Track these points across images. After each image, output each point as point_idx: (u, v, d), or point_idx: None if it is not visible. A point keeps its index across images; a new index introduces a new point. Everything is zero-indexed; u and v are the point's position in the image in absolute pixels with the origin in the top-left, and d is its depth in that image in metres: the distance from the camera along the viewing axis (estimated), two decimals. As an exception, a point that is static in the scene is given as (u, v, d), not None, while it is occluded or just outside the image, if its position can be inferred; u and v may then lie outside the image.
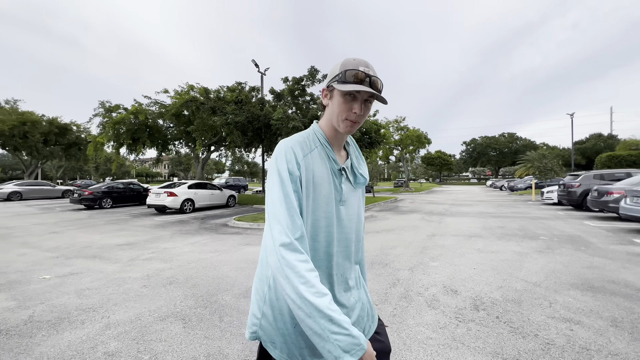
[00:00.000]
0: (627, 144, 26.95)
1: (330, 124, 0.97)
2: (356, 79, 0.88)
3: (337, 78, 0.91)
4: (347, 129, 0.93)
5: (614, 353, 2.24)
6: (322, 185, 0.92)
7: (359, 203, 1.05)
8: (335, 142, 1.00)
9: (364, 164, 1.09)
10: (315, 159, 0.93)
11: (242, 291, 3.60)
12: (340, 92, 0.90)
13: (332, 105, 0.94)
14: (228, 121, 13.76)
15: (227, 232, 7.81)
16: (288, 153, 0.89)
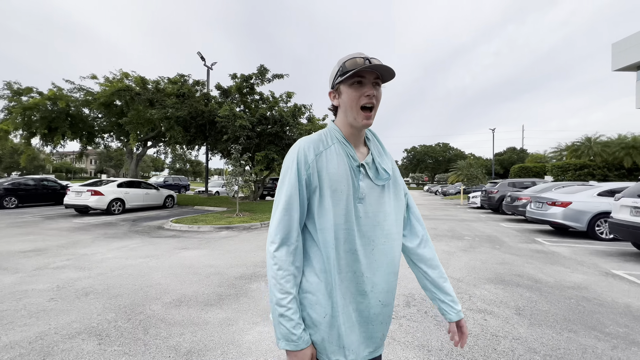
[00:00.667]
0: (533, 157, 31.81)
1: (345, 121, 0.95)
2: (356, 64, 0.87)
3: (338, 73, 0.91)
4: (363, 120, 0.91)
5: (516, 337, 2.58)
6: (340, 182, 0.89)
7: (386, 200, 0.96)
8: (353, 139, 0.97)
9: (387, 158, 1.03)
10: (331, 156, 0.91)
11: (174, 299, 3.32)
12: (346, 83, 0.90)
13: (343, 101, 0.93)
14: (168, 115, 12.74)
15: (162, 236, 7.19)
16: (301, 155, 0.90)
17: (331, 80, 0.96)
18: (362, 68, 0.85)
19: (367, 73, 0.89)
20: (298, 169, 0.89)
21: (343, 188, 0.90)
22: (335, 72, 0.93)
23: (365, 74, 0.89)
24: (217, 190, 22.28)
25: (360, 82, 0.89)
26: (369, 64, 0.87)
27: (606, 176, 18.65)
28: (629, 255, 5.66)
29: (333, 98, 0.98)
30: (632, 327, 2.77)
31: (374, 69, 0.88)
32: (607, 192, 7.40)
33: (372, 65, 0.86)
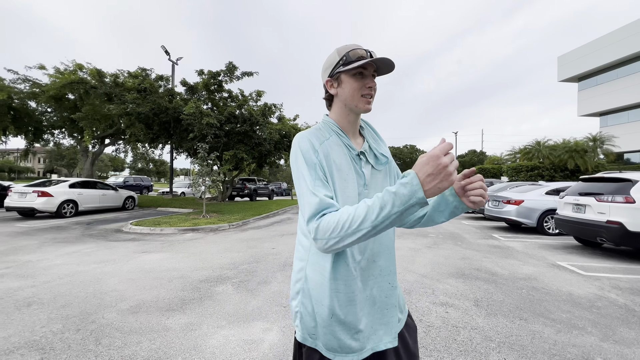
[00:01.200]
0: (491, 159, 34.06)
1: (342, 112, 0.97)
2: (359, 57, 0.90)
3: (340, 63, 0.92)
4: (365, 106, 0.93)
5: (474, 327, 2.73)
6: (346, 171, 0.91)
7: (386, 185, 0.99)
8: (349, 129, 0.98)
9: (383, 144, 1.05)
10: (332, 147, 0.92)
11: (132, 305, 3.11)
12: (349, 74, 0.92)
13: (343, 90, 0.94)
14: (128, 111, 11.97)
15: (120, 239, 6.72)
16: (304, 143, 0.89)
17: (329, 69, 0.95)
18: (368, 61, 0.88)
19: (368, 65, 0.91)
20: (308, 153, 0.88)
21: (350, 177, 0.91)
22: (335, 61, 0.93)
23: (367, 66, 0.92)
24: (182, 191, 21.31)
25: (362, 73, 0.92)
26: (370, 57, 0.91)
27: (553, 177, 20.44)
28: (572, 247, 6.24)
29: (330, 87, 0.97)
30: (573, 313, 3.04)
31: (377, 62, 0.90)
32: (553, 191, 8.10)
33: (379, 58, 0.88)
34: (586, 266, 4.82)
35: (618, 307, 3.22)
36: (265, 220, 10.37)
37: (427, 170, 0.68)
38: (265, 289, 3.67)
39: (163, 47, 16.77)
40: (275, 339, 2.50)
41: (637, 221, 4.88)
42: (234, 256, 5.24)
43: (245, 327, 2.70)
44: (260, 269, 4.47)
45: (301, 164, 0.87)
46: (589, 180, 6.16)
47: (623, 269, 4.67)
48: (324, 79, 0.98)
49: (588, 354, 2.31)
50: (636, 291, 3.71)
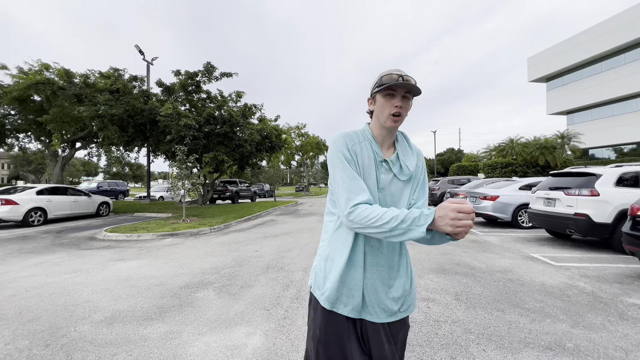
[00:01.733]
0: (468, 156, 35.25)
1: (377, 124, 1.15)
2: (391, 79, 1.06)
3: (376, 84, 1.10)
4: (392, 123, 1.10)
5: (455, 321, 2.80)
6: (367, 172, 1.10)
7: (403, 194, 1.14)
8: (381, 139, 1.16)
9: (413, 156, 1.18)
10: (362, 150, 1.12)
11: (106, 316, 2.97)
12: (381, 94, 1.09)
13: (377, 108, 1.12)
14: (100, 113, 11.45)
15: (94, 247, 6.42)
16: (339, 141, 1.10)
17: (371, 90, 1.15)
18: (393, 84, 1.05)
19: (398, 87, 1.07)
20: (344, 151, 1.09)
21: (370, 177, 1.10)
22: (374, 83, 1.13)
23: (397, 88, 1.07)
24: (160, 195, 20.65)
25: (392, 94, 1.08)
26: (401, 80, 1.05)
27: (526, 173, 21.42)
28: (544, 240, 6.55)
29: (370, 104, 1.17)
30: (545, 302, 3.19)
31: (403, 85, 1.06)
32: (526, 186, 8.48)
33: (402, 83, 1.04)
34: (557, 257, 5.07)
35: (586, 294, 3.41)
36: (247, 223, 10.22)
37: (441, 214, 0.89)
38: (248, 292, 3.61)
39: (137, 46, 16.16)
40: (259, 343, 2.46)
41: (602, 213, 5.19)
42: (216, 260, 5.13)
43: (228, 333, 2.64)
44: (242, 273, 4.39)
45: (337, 158, 1.08)
46: (557, 175, 6.49)
47: (590, 258, 4.95)
48: (368, 97, 1.19)
49: (560, 340, 2.43)
50: (602, 279, 3.94)
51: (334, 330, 1.10)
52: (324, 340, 1.10)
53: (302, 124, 34.79)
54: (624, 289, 3.57)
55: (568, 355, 2.23)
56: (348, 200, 1.02)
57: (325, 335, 1.10)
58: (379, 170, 1.12)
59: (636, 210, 3.91)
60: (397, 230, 0.93)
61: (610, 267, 4.47)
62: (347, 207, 1.01)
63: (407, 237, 0.93)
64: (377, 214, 0.96)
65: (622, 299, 3.26)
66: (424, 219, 0.90)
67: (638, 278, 3.94)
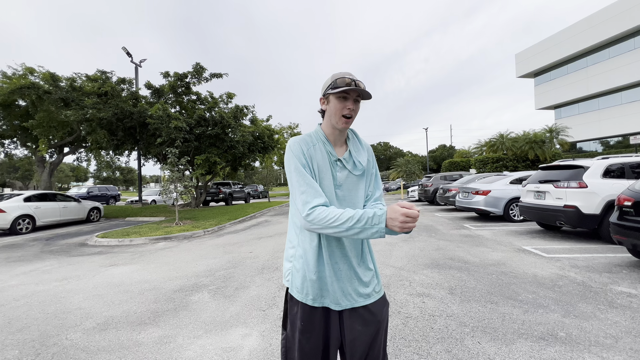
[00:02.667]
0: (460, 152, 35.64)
1: (329, 124, 1.21)
2: (344, 83, 1.12)
3: (330, 86, 1.15)
4: (343, 125, 1.17)
5: (450, 315, 2.82)
6: (323, 172, 1.17)
7: (361, 186, 1.24)
8: (333, 139, 1.22)
9: (364, 152, 1.27)
10: (316, 152, 1.18)
11: (99, 323, 2.92)
12: (334, 95, 1.15)
13: (329, 108, 1.18)
14: (87, 117, 11.24)
15: (85, 254, 6.30)
16: (295, 147, 1.16)
17: (323, 89, 1.19)
18: (348, 88, 1.11)
19: (351, 91, 1.13)
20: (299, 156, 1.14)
21: (326, 176, 1.17)
22: (327, 84, 1.17)
23: (350, 92, 1.14)
24: (153, 199, 20.39)
25: (345, 97, 1.15)
26: (354, 85, 1.12)
27: (516, 167, 21.75)
28: (535, 232, 6.66)
29: (322, 103, 1.22)
30: (538, 293, 3.24)
31: (356, 90, 1.13)
32: (516, 180, 8.61)
33: (356, 88, 1.12)
34: (548, 248, 5.16)
35: (577, 284, 3.48)
36: (241, 224, 10.16)
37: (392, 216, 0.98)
38: (243, 294, 3.59)
39: (124, 48, 15.91)
40: (255, 344, 2.44)
41: (590, 204, 5.30)
42: (210, 263, 5.09)
43: (224, 335, 2.62)
44: (237, 274, 4.36)
45: (293, 164, 1.14)
46: (547, 168, 6.60)
47: (580, 249, 5.05)
48: (320, 96, 1.23)
49: (552, 330, 2.47)
50: (592, 268, 4.02)
51: (317, 321, 1.17)
52: (308, 330, 1.17)
53: (294, 123, 34.60)
54: (612, 277, 3.65)
55: (560, 344, 2.27)
56: (305, 204, 1.07)
57: (308, 326, 1.17)
58: (334, 169, 1.19)
59: (623, 201, 4.00)
60: (353, 229, 1.01)
61: (599, 257, 4.57)
62: (305, 210, 1.07)
63: (364, 235, 1.01)
64: (333, 215, 1.03)
65: (612, 288, 3.33)
66: (377, 219, 0.99)
67: (626, 267, 4.04)
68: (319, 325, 1.18)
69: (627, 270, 3.88)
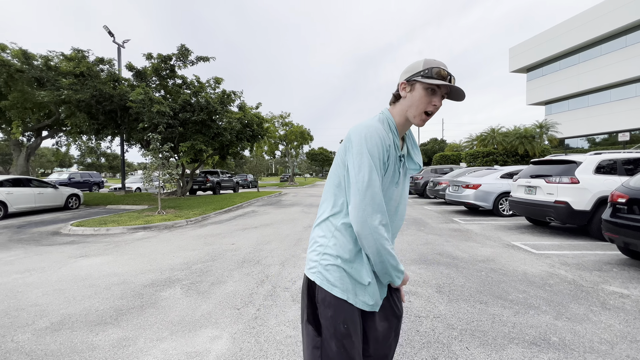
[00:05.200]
0: (451, 146, 35.74)
1: (403, 114, 1.06)
2: (440, 75, 0.99)
3: (421, 73, 1.00)
4: (421, 121, 1.04)
5: (437, 316, 2.64)
6: (389, 167, 1.03)
7: (406, 185, 1.15)
8: (400, 132, 1.09)
9: (418, 152, 1.15)
10: (391, 145, 1.03)
11: (53, 322, 2.63)
12: (423, 85, 1.00)
13: (412, 98, 1.02)
14: (63, 98, 10.61)
15: (56, 243, 5.94)
16: (374, 140, 0.97)
17: (409, 73, 1.03)
18: (444, 84, 0.98)
19: (443, 86, 1.00)
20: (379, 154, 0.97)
21: (391, 171, 1.04)
22: (418, 69, 1.01)
23: (444, 87, 1.01)
24: (137, 187, 19.79)
25: (434, 90, 1.01)
26: (450, 81, 1.00)
27: (506, 162, 21.87)
28: (524, 228, 6.59)
29: (403, 89, 1.05)
30: (528, 292, 3.10)
31: (452, 88, 1.01)
32: (507, 174, 8.52)
33: (455, 86, 1.00)
34: (537, 245, 5.06)
35: (568, 283, 3.35)
36: (227, 214, 9.86)
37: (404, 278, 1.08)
38: (218, 290, 3.34)
39: (106, 27, 15.05)
40: (224, 349, 2.21)
41: (581, 200, 5.20)
42: (188, 255, 4.81)
43: (190, 337, 2.38)
44: (215, 268, 4.11)
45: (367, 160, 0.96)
46: (539, 163, 6.49)
47: (569, 246, 4.97)
48: (401, 79, 1.06)
49: (544, 334, 2.31)
50: (582, 266, 3.91)
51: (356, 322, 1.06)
52: (350, 334, 1.03)
53: (286, 112, 34.09)
54: (603, 276, 3.54)
55: (554, 350, 2.11)
56: (375, 212, 0.95)
57: (350, 329, 1.04)
58: (399, 165, 1.07)
59: (617, 198, 3.87)
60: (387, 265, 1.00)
61: (589, 254, 4.48)
62: (374, 220, 0.95)
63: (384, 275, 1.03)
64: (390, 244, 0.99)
65: (603, 287, 3.21)
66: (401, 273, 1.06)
67: (616, 265, 3.95)
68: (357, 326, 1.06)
69: (618, 269, 3.79)
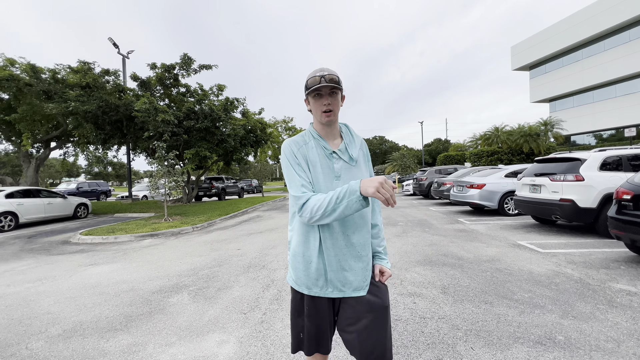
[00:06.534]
0: (455, 146, 35.55)
1: (317, 121, 1.28)
2: (315, 82, 1.17)
3: (306, 89, 1.22)
4: (326, 119, 1.23)
5: (442, 317, 2.65)
6: (320, 166, 1.23)
7: (359, 177, 1.25)
8: (325, 134, 1.29)
9: (355, 145, 1.32)
10: (309, 149, 1.25)
11: (65, 329, 2.70)
12: (311, 96, 1.22)
13: (312, 107, 1.25)
14: (71, 110, 10.84)
15: (66, 252, 6.05)
16: (286, 149, 1.24)
17: (305, 92, 1.25)
18: (318, 86, 1.16)
19: (322, 87, 1.17)
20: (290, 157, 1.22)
21: (324, 170, 1.23)
22: (304, 87, 1.23)
23: (322, 88, 1.18)
24: (144, 195, 20.03)
25: (319, 94, 1.20)
26: (324, 81, 1.16)
27: (511, 160, 21.71)
28: (530, 227, 6.54)
29: (307, 104, 1.28)
30: (534, 292, 3.09)
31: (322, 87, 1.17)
32: (512, 173, 8.47)
33: (324, 84, 1.15)
34: (543, 244, 5.03)
35: (574, 281, 3.33)
36: (232, 220, 9.94)
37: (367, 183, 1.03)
38: (225, 295, 3.39)
39: (110, 39, 15.37)
40: (231, 352, 2.25)
41: (587, 198, 5.16)
42: (195, 261, 4.87)
43: (198, 342, 2.42)
44: (222, 273, 4.16)
45: (285, 165, 1.23)
46: (543, 161, 6.45)
47: (576, 244, 4.92)
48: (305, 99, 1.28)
49: (550, 333, 2.31)
50: (589, 264, 3.88)
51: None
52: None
53: (289, 117, 34.13)
54: (610, 274, 3.51)
55: (559, 349, 2.11)
56: (297, 200, 1.16)
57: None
58: (331, 161, 1.25)
59: (622, 194, 3.85)
60: (339, 206, 1.06)
61: (596, 252, 4.44)
62: (298, 209, 1.15)
63: (350, 209, 1.06)
64: (316, 203, 1.10)
65: (610, 285, 3.19)
66: (353, 186, 1.05)
67: (624, 262, 3.91)
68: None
69: (625, 266, 3.75)
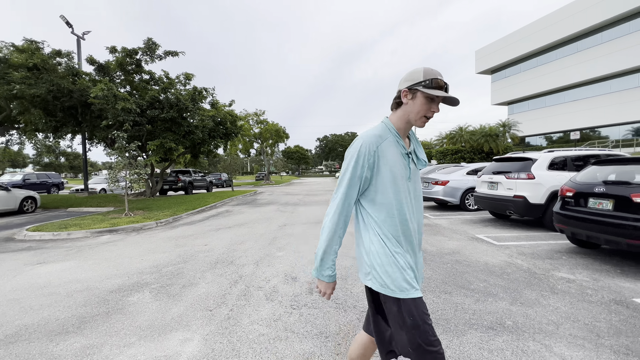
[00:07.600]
0: (423, 144, 37.08)
1: (403, 119, 1.24)
2: (438, 86, 1.15)
3: (422, 83, 1.16)
4: (422, 124, 1.24)
5: (405, 307, 2.78)
6: (397, 167, 1.21)
7: (418, 179, 1.32)
8: (402, 133, 1.26)
9: (422, 150, 1.36)
10: (389, 147, 1.21)
11: (8, 334, 2.47)
12: (424, 95, 1.17)
13: (414, 104, 1.20)
14: (15, 92, 9.79)
15: (9, 250, 5.51)
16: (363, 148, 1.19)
17: (409, 82, 1.19)
18: (443, 95, 1.15)
19: (446, 97, 1.16)
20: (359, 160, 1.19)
21: (400, 170, 1.21)
22: (418, 79, 1.16)
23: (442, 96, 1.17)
24: (102, 188, 18.70)
25: (433, 99, 1.18)
26: (446, 92, 1.17)
27: (473, 159, 23.03)
28: (488, 221, 7.01)
29: (404, 96, 1.21)
30: (488, 281, 3.33)
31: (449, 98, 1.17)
32: (473, 171, 9.00)
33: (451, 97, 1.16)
34: (499, 237, 5.42)
35: (523, 271, 3.63)
36: (199, 215, 9.61)
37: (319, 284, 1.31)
38: (190, 292, 3.28)
39: (62, 17, 14.00)
40: (195, 350, 2.19)
41: (536, 194, 5.63)
42: (158, 258, 4.66)
43: (160, 341, 2.33)
44: (187, 270, 4.02)
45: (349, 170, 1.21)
46: (500, 160, 6.92)
47: (526, 237, 5.37)
48: (402, 87, 1.22)
49: (500, 319, 2.51)
50: (536, 255, 4.25)
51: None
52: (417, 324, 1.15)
53: (260, 110, 33.56)
54: (554, 264, 3.88)
55: (508, 333, 2.30)
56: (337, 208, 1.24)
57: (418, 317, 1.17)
58: (407, 161, 1.25)
59: (565, 192, 4.24)
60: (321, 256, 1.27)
61: (543, 244, 4.87)
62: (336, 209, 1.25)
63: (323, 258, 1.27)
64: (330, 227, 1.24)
65: (553, 274, 3.52)
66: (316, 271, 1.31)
67: (565, 253, 4.33)
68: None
69: (567, 257, 4.16)
